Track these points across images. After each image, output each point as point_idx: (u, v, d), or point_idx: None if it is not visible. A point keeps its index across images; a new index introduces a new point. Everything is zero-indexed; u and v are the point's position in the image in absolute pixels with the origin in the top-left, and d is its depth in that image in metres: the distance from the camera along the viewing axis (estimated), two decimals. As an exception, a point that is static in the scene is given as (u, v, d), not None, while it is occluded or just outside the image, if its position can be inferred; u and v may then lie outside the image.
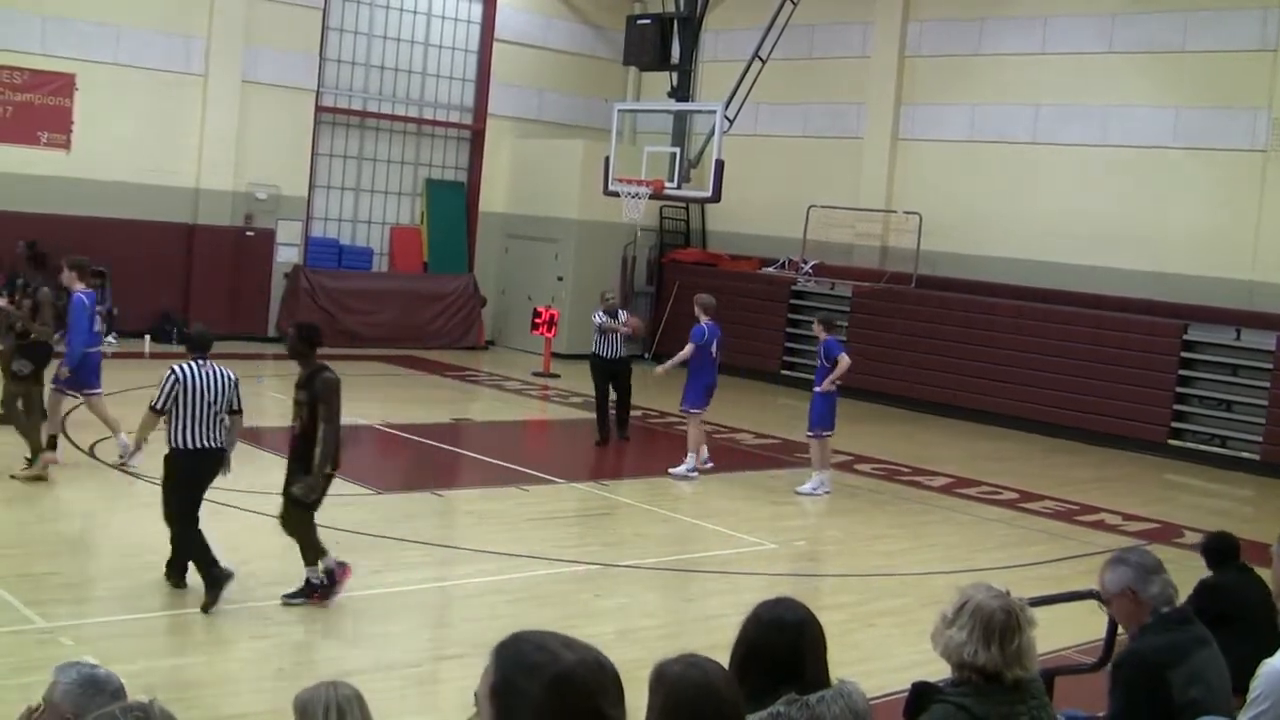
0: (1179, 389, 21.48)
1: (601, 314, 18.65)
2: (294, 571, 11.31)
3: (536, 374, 24.66)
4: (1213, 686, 5.42)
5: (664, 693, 3.35)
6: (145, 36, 24.38)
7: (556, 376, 24.61)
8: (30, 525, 11.98)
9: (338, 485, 14.33)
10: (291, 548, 12.13)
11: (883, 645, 10.15)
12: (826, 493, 16.15)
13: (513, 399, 21.98)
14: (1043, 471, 19.09)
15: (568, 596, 11.13)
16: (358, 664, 8.65)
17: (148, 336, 23.99)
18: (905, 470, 18.22)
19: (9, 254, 22.85)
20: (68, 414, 16.54)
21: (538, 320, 25.60)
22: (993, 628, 4.31)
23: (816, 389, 16.41)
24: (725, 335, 17.51)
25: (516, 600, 10.95)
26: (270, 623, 9.66)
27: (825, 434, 16.38)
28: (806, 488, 16.20)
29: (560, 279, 27.86)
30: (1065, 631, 8.82)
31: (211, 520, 12.51)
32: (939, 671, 4.60)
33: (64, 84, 23.74)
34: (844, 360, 16.07)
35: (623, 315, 18.88)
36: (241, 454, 15.60)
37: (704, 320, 17.03)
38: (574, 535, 13.37)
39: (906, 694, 4.53)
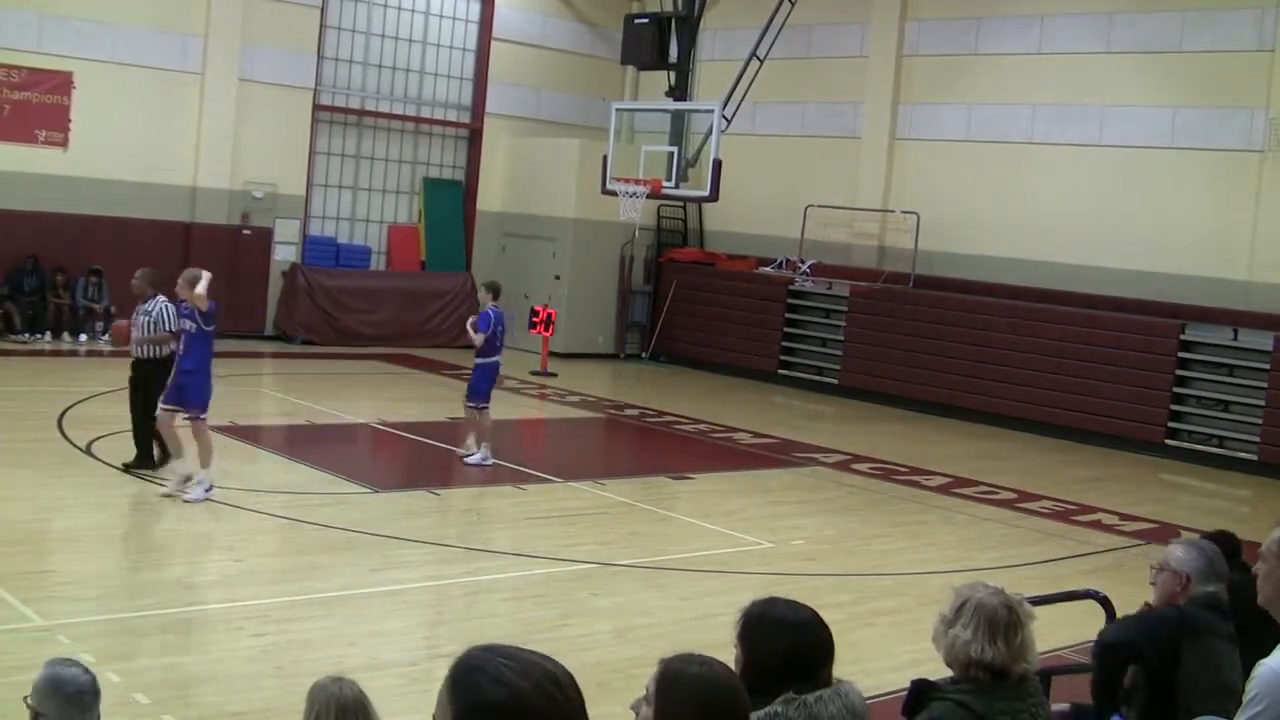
0: (1176, 389, 21.49)
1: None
2: (293, 568, 11.31)
3: (534, 373, 24.65)
4: (1217, 678, 5.45)
5: (675, 692, 3.34)
6: (142, 35, 24.37)
7: (554, 375, 24.61)
8: (27, 523, 11.97)
9: (335, 484, 14.41)
10: (290, 544, 12.15)
11: (880, 644, 10.16)
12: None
13: (510, 398, 21.95)
14: (1040, 471, 19.09)
15: (565, 595, 11.13)
16: (355, 662, 8.65)
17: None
18: (902, 470, 18.23)
19: (8, 253, 22.90)
20: (67, 410, 16.60)
21: (535, 319, 25.61)
22: (996, 623, 4.33)
23: (480, 361, 16.26)
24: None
25: (513, 599, 10.96)
26: (268, 621, 9.66)
27: (484, 406, 16.25)
28: (475, 459, 16.03)
29: (557, 278, 27.88)
30: (1062, 631, 8.84)
31: (211, 518, 12.56)
32: (937, 670, 4.61)
33: (61, 82, 23.73)
34: (478, 338, 16.10)
35: (155, 303, 14.06)
36: (240, 453, 15.67)
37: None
38: (571, 534, 13.36)
39: (905, 692, 4.53)
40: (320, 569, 11.26)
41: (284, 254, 26.77)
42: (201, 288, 13.07)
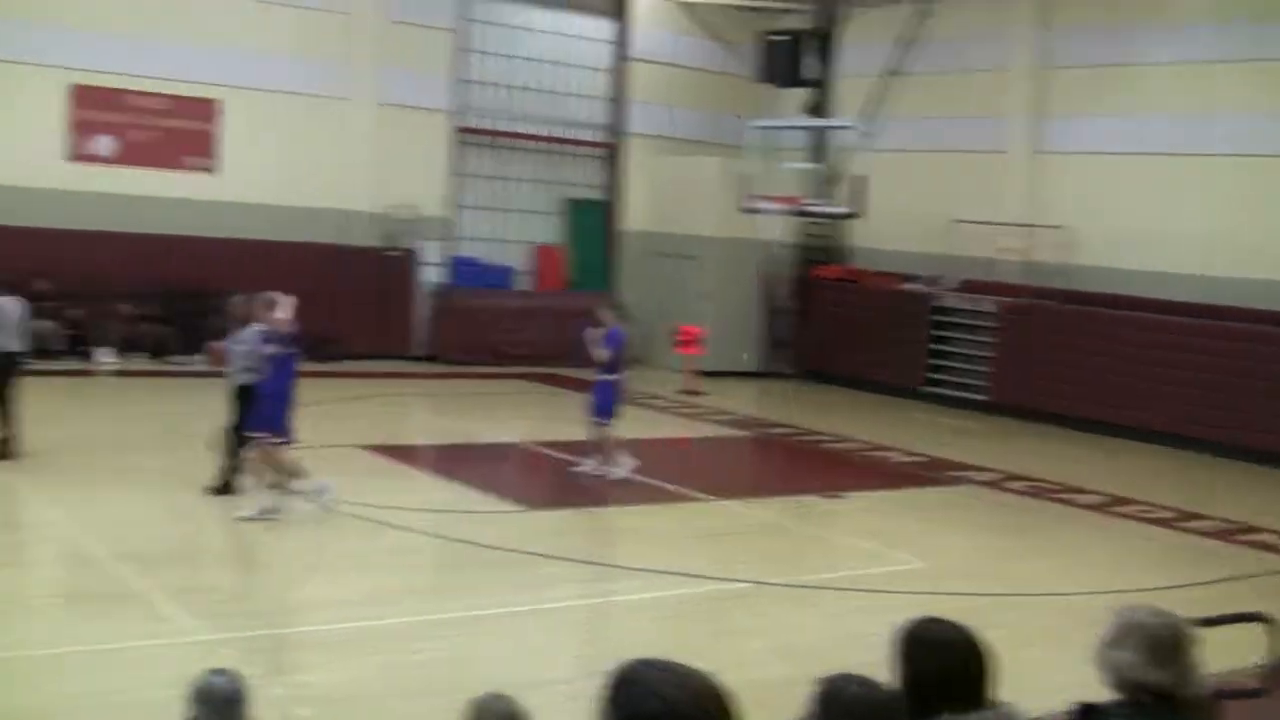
0: (1342, 405, 20.83)
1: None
2: (449, 586, 11.42)
3: (681, 391, 24.68)
4: None
5: (834, 712, 3.33)
6: (285, 62, 24.98)
7: (701, 394, 24.60)
8: (193, 539, 12.26)
9: (487, 502, 14.55)
10: (445, 562, 12.28)
11: (1040, 666, 9.95)
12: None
13: (658, 416, 22.02)
14: (1200, 489, 18.61)
15: (718, 613, 11.11)
16: (509, 679, 8.69)
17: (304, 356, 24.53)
18: (1056, 488, 17.90)
19: (161, 276, 23.48)
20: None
21: (681, 338, 25.66)
22: (1160, 646, 4.22)
23: (604, 378, 16.39)
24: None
25: (667, 617, 10.97)
26: (426, 637, 9.78)
27: (608, 422, 16.34)
28: (620, 472, 16.12)
29: (701, 296, 27.86)
30: (1229, 654, 8.61)
31: (364, 535, 12.76)
32: (1100, 694, 4.52)
33: (208, 109, 24.45)
34: (603, 354, 16.26)
35: (251, 329, 13.67)
36: (393, 472, 15.91)
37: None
38: (723, 553, 13.33)
39: (1067, 716, 4.45)
40: (475, 587, 11.38)
41: (430, 275, 27.15)
42: (281, 311, 13.17)
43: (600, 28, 29.50)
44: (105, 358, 23.05)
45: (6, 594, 10.75)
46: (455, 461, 17.53)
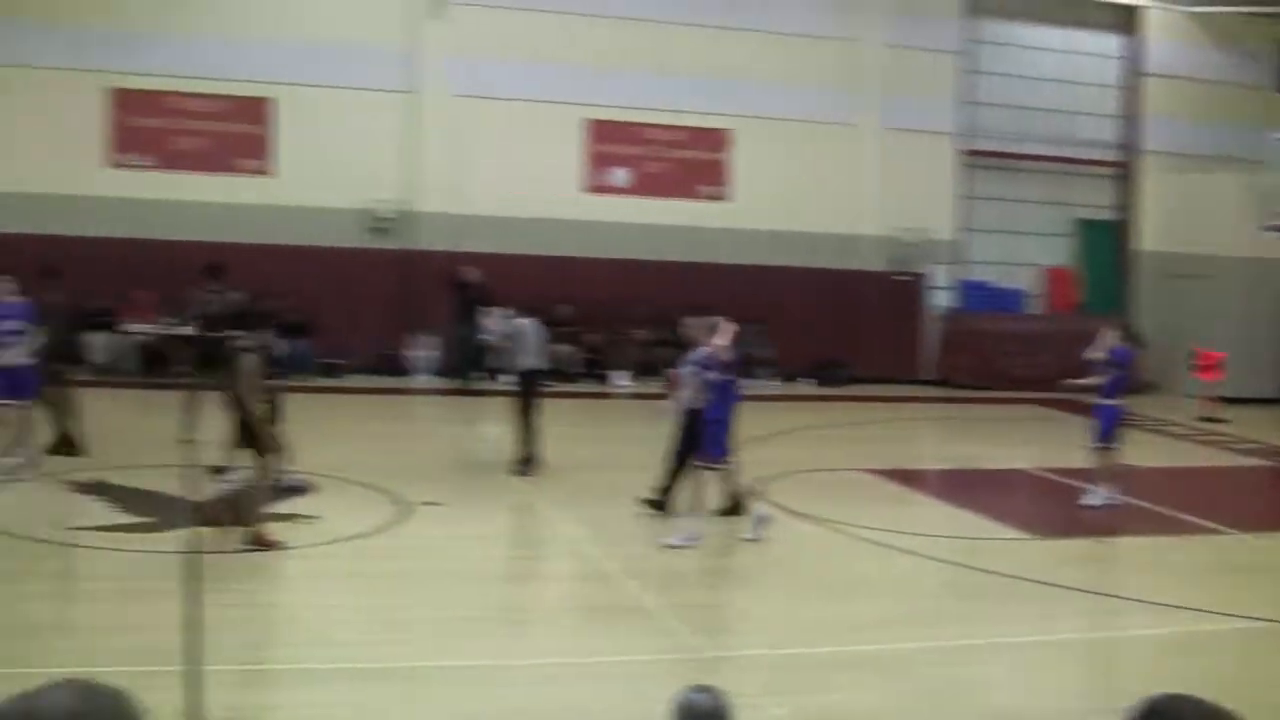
0: None
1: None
2: (953, 612, 11.28)
3: (1200, 418, 23.53)
4: None
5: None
6: (792, 89, 25.55)
7: (1223, 421, 23.35)
8: (704, 557, 12.60)
9: (994, 529, 14.31)
10: (950, 588, 12.15)
11: None
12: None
13: (1176, 444, 21.07)
14: None
15: (1238, 653, 10.49)
16: (1014, 710, 8.55)
17: (811, 379, 24.94)
18: None
19: (673, 301, 24.30)
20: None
21: (1199, 363, 24.50)
22: None
23: (1106, 403, 15.71)
24: None
25: (1182, 654, 10.43)
26: (925, 664, 9.68)
27: (1111, 447, 15.60)
28: (1097, 501, 15.43)
29: (1219, 318, 26.46)
30: None
31: (871, 559, 12.79)
32: None
33: (720, 139, 25.31)
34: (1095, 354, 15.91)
35: (699, 353, 13.45)
36: (898, 497, 15.89)
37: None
38: (1244, 588, 12.55)
39: None
40: (981, 615, 11.19)
41: (939, 299, 27.04)
42: (720, 337, 13.14)
43: (1109, 43, 28.64)
44: (621, 381, 24.14)
45: (528, 606, 11.42)
46: (961, 487, 17.33)
